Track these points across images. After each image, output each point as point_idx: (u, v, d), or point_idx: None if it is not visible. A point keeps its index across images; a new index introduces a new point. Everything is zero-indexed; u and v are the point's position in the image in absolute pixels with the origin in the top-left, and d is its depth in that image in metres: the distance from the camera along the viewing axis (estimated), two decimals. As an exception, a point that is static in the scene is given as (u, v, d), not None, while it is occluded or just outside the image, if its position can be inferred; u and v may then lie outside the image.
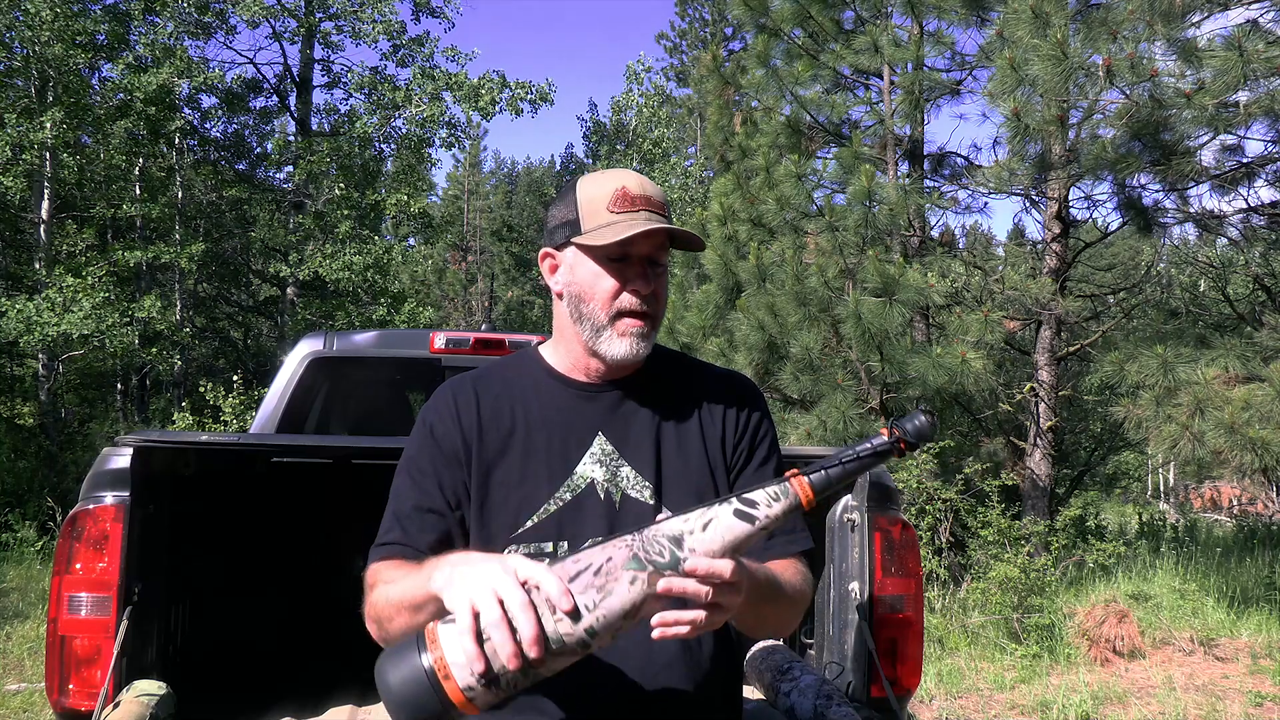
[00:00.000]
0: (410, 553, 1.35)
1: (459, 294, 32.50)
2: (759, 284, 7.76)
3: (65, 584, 1.97)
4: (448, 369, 3.76)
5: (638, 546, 1.08)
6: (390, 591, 1.26)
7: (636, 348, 1.39)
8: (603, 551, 1.08)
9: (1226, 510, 17.47)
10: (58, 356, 13.76)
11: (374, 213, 16.64)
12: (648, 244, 1.38)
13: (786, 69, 9.13)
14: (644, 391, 1.47)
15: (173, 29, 14.90)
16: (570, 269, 1.42)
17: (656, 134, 23.59)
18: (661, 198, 1.41)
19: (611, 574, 1.06)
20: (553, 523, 1.39)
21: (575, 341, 1.45)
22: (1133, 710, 5.18)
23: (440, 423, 1.44)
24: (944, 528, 7.09)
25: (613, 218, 1.36)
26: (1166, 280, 12.61)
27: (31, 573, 8.37)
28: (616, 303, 1.38)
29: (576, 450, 1.42)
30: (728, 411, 1.48)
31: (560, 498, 1.39)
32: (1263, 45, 5.76)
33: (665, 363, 1.53)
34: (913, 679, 2.28)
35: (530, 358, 1.52)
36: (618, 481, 1.41)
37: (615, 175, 1.40)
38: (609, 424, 1.44)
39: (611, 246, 1.36)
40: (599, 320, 1.39)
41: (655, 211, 1.37)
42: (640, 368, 1.48)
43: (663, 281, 1.42)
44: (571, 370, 1.47)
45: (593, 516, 1.39)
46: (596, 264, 1.39)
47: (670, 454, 1.43)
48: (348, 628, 2.69)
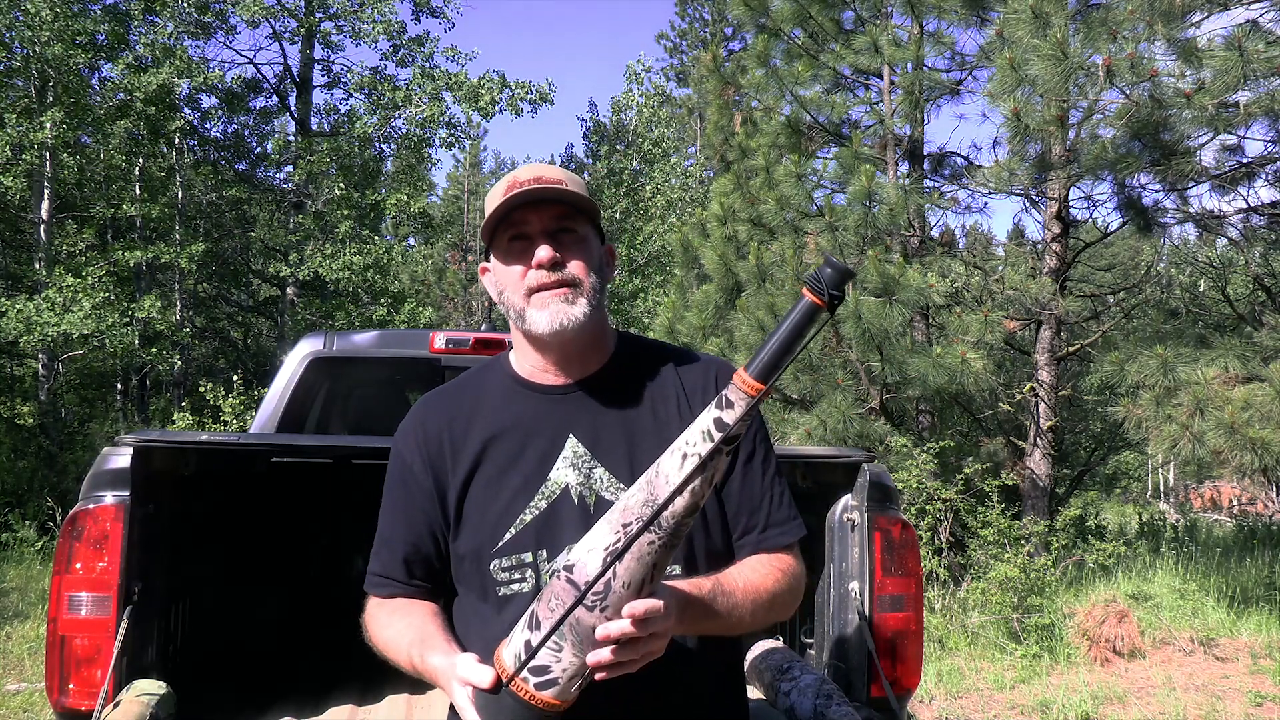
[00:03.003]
0: (393, 586, 1.44)
1: (459, 294, 32.46)
2: (759, 284, 7.76)
3: (65, 584, 1.97)
4: (448, 369, 3.76)
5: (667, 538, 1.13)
6: (387, 637, 1.39)
7: (559, 315, 1.36)
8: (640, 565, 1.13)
9: (1226, 510, 17.46)
10: (58, 356, 13.76)
11: (374, 213, 16.64)
12: (541, 217, 1.38)
13: (786, 69, 9.13)
14: (614, 387, 1.44)
15: (173, 29, 14.90)
16: (493, 271, 1.44)
17: (656, 134, 23.56)
18: (560, 175, 1.40)
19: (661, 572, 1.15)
20: (530, 533, 1.37)
21: (521, 340, 1.45)
22: (1133, 710, 5.18)
23: (408, 450, 1.46)
24: (944, 528, 7.09)
25: (502, 204, 1.37)
26: (1166, 280, 12.61)
27: (31, 573, 8.37)
28: (525, 281, 1.38)
29: (549, 455, 1.40)
30: (708, 396, 1.41)
31: (535, 507, 1.38)
32: (1263, 45, 5.76)
33: (639, 354, 1.49)
34: (913, 679, 2.28)
35: (498, 365, 1.51)
36: (591, 484, 1.38)
37: (513, 173, 1.42)
38: (579, 424, 1.41)
39: (503, 231, 1.38)
40: (518, 304, 1.39)
41: (548, 185, 1.37)
42: (608, 362, 1.46)
43: (578, 249, 1.39)
44: (533, 374, 1.45)
45: (569, 523, 1.37)
46: (503, 254, 1.40)
47: (647, 450, 1.37)
48: (347, 628, 2.69)
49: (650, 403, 1.44)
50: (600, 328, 1.44)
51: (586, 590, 1.11)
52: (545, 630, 1.13)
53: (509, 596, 1.37)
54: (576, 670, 1.14)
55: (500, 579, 1.37)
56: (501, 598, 1.37)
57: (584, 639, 1.13)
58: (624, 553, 1.11)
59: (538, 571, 1.36)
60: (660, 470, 1.13)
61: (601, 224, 1.49)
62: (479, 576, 1.39)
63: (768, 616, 1.39)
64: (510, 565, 1.37)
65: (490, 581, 1.38)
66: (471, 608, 1.42)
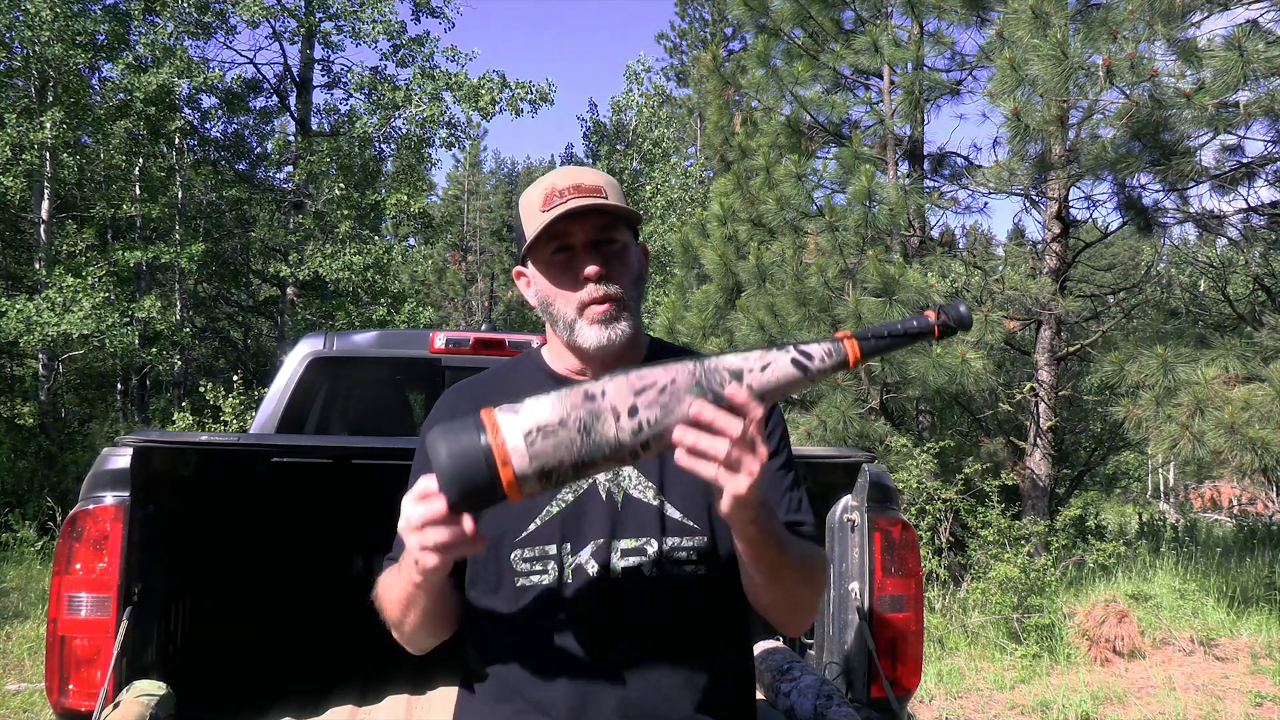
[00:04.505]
0: None
1: (459, 294, 32.51)
2: (759, 284, 7.76)
3: (65, 584, 1.97)
4: (448, 369, 3.76)
5: (700, 374, 1.11)
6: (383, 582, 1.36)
7: (608, 332, 1.37)
8: (667, 373, 1.11)
9: (1226, 510, 17.46)
10: (58, 356, 13.77)
11: (374, 213, 16.65)
12: (586, 228, 1.37)
13: (786, 69, 9.12)
14: None
15: (173, 29, 14.91)
16: (534, 279, 1.43)
17: (656, 134, 23.58)
18: (598, 181, 1.39)
19: (675, 395, 1.10)
20: (555, 525, 1.38)
21: (562, 345, 1.45)
22: (1133, 710, 5.18)
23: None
24: (944, 528, 7.09)
25: (544, 216, 1.35)
26: (1166, 280, 12.61)
27: (31, 573, 8.37)
28: (577, 295, 1.38)
29: None
30: None
31: (563, 500, 1.39)
32: (1263, 45, 5.76)
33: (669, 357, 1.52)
34: (913, 679, 2.28)
35: (531, 360, 1.53)
36: (620, 481, 1.40)
37: (547, 176, 1.41)
38: None
39: (548, 242, 1.37)
40: (568, 317, 1.39)
41: (587, 196, 1.36)
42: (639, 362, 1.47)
43: (623, 258, 1.40)
44: (568, 371, 1.47)
45: (595, 517, 1.38)
46: (547, 266, 1.40)
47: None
48: (347, 628, 2.69)
49: None
50: (638, 333, 1.47)
51: (631, 372, 1.11)
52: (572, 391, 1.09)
53: (527, 588, 1.37)
54: (543, 414, 1.08)
55: (520, 569, 1.38)
56: (519, 588, 1.37)
57: (571, 396, 1.09)
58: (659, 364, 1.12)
59: (560, 564, 1.37)
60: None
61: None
62: (495, 565, 1.39)
63: (799, 589, 1.36)
64: (532, 556, 1.37)
65: (508, 572, 1.38)
66: (480, 601, 1.42)
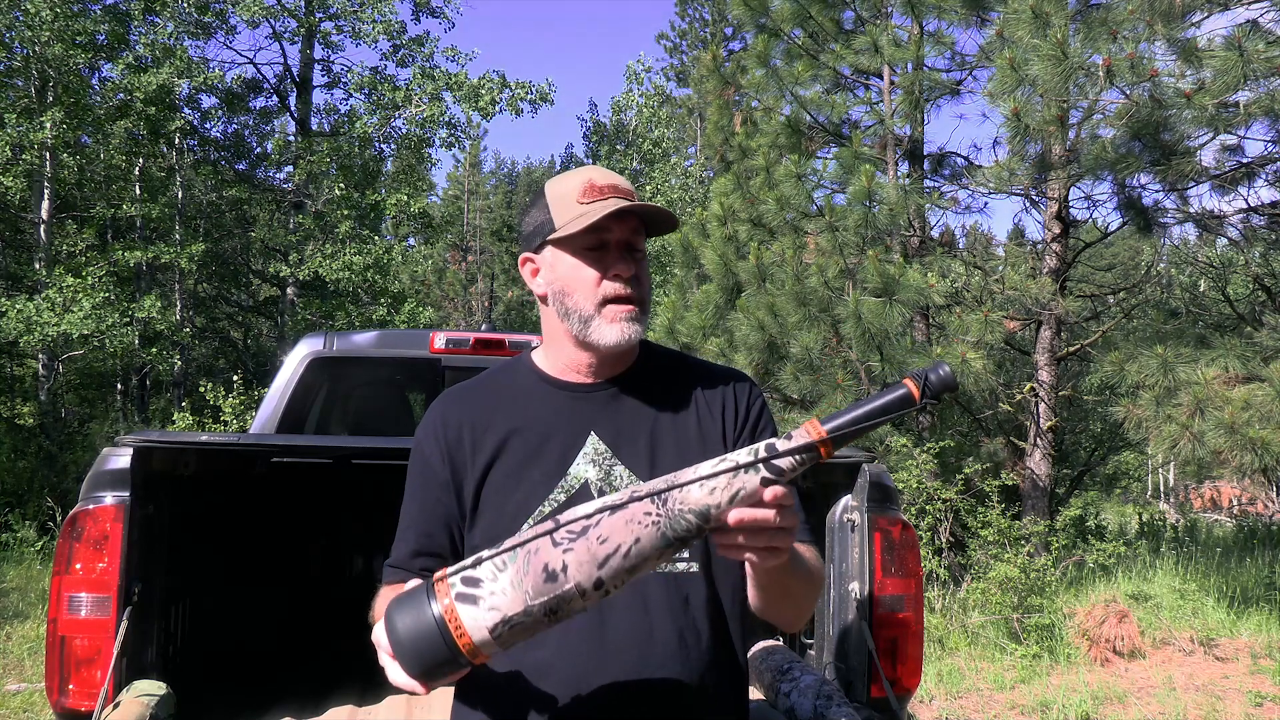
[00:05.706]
0: (402, 575, 1.40)
1: (459, 294, 32.50)
2: (759, 284, 7.76)
3: (65, 584, 1.97)
4: (448, 369, 3.76)
5: (664, 525, 1.07)
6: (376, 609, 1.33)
7: (627, 332, 1.38)
8: (628, 530, 1.07)
9: (1226, 510, 17.46)
10: (58, 356, 13.76)
11: (374, 213, 16.64)
12: (622, 229, 1.38)
13: (786, 69, 9.13)
14: (638, 388, 1.46)
15: (173, 29, 14.90)
16: (550, 268, 1.42)
17: (656, 134, 23.58)
18: (629, 186, 1.41)
19: (640, 554, 1.07)
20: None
21: (565, 339, 1.44)
22: (1133, 710, 5.18)
23: (427, 443, 1.47)
24: (944, 528, 7.09)
25: (583, 208, 1.36)
26: (1166, 280, 12.61)
27: (31, 573, 8.37)
28: (600, 290, 1.38)
29: (570, 451, 1.41)
30: (726, 407, 1.46)
31: (554, 499, 1.39)
32: (1263, 45, 5.76)
33: (660, 360, 1.52)
34: (913, 679, 2.28)
35: (522, 364, 1.52)
36: (611, 480, 1.40)
37: (581, 171, 1.42)
38: (601, 422, 1.43)
39: (586, 233, 1.37)
40: (586, 311, 1.38)
41: (624, 198, 1.37)
42: (634, 365, 1.48)
43: (644, 266, 1.42)
44: (563, 372, 1.47)
45: None
46: (575, 256, 1.39)
47: (666, 451, 1.41)
48: (347, 628, 2.69)
49: (671, 407, 1.46)
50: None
51: (562, 525, 1.08)
52: (504, 545, 1.08)
53: None
54: (505, 606, 1.05)
55: None
56: None
57: (531, 575, 1.05)
58: (617, 509, 1.08)
59: None
60: (694, 465, 1.12)
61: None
62: None
63: (809, 597, 1.40)
64: None
65: None
66: None
